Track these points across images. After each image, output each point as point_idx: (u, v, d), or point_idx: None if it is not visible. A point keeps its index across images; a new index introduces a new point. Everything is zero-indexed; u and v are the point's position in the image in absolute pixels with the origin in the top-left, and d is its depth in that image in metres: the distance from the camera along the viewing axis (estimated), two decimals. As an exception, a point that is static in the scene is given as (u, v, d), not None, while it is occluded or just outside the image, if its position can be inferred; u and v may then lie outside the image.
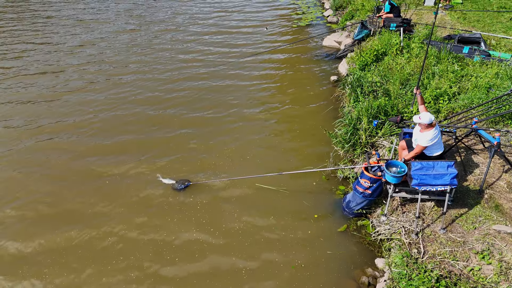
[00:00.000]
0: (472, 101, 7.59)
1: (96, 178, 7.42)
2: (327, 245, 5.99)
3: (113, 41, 14.24)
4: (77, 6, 19.12)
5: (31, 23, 16.38)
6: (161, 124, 9.11)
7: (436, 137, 5.59)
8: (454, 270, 4.98)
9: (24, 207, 6.78)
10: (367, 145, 7.58)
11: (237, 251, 5.94)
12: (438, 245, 5.33)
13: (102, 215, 6.59)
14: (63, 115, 9.54)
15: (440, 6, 13.95)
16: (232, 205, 6.77)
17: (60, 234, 6.25)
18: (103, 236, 6.20)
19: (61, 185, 7.25)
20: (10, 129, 9.03)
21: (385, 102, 7.80)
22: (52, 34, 15.06)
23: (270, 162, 7.74)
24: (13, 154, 8.15)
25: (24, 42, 14.27)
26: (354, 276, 5.52)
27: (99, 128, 8.99)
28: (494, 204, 5.72)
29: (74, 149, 8.26)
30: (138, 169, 7.63)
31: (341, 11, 16.82)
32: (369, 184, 5.97)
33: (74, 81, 11.22)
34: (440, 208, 5.81)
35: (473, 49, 9.57)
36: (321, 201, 6.81)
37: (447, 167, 5.23)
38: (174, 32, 15.23)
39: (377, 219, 6.14)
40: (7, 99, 10.34)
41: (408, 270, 5.03)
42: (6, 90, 10.81)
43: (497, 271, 4.80)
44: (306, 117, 9.41)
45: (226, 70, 11.94)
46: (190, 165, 7.71)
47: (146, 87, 10.87)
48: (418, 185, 5.32)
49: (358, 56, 10.51)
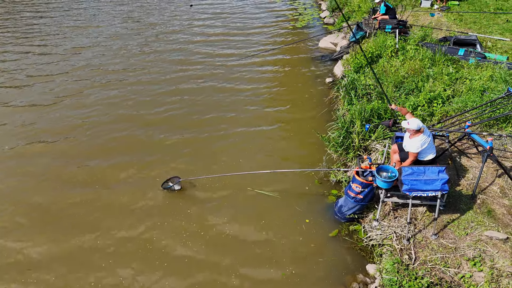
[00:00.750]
0: (466, 104, 7.53)
1: (88, 183, 7.36)
2: (318, 251, 5.92)
3: (107, 46, 14.19)
4: (68, 12, 19.07)
5: (25, 25, 16.34)
6: (156, 128, 9.03)
7: (426, 143, 5.55)
8: (445, 277, 4.91)
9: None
10: (360, 148, 7.52)
11: (226, 257, 5.86)
12: (430, 251, 5.26)
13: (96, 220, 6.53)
14: (57, 120, 9.49)
15: (436, 7, 13.90)
16: (222, 209, 6.69)
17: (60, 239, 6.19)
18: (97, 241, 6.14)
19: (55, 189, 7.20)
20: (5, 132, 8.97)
21: (378, 105, 7.73)
22: (45, 38, 15.02)
23: (262, 167, 7.65)
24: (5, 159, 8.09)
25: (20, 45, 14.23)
26: (345, 282, 5.44)
27: (91, 134, 8.89)
28: (486, 210, 5.65)
29: (71, 154, 8.21)
30: (134, 173, 7.57)
31: (338, 12, 16.76)
32: (361, 189, 5.91)
33: (70, 85, 11.17)
34: (432, 213, 5.74)
35: (468, 51, 9.51)
36: (313, 205, 6.74)
37: (438, 173, 5.17)
38: (171, 36, 15.17)
39: (369, 224, 6.07)
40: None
41: (398, 276, 4.97)
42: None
43: (488, 278, 4.73)
44: (300, 119, 9.34)
45: (220, 73, 11.86)
46: (185, 168, 7.65)
47: (140, 91, 10.82)
48: (409, 190, 5.25)
49: (353, 58, 10.45)
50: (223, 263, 5.76)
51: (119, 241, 6.14)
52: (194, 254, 5.91)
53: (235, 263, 5.77)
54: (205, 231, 6.29)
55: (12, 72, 11.92)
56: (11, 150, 8.34)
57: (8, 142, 8.59)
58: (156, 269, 5.67)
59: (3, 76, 11.69)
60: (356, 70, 9.91)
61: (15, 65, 12.46)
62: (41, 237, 6.22)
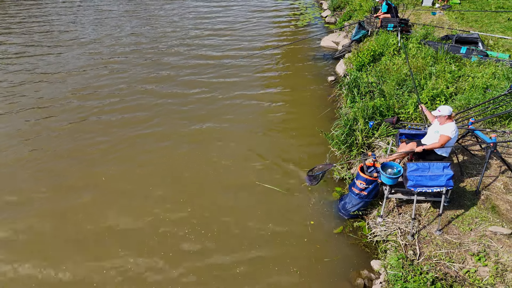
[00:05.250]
0: (469, 102, 7.56)
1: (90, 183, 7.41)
2: (323, 247, 5.94)
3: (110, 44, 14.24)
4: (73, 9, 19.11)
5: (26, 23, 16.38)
6: (155, 125, 9.08)
7: (457, 131, 5.62)
8: (449, 272, 4.94)
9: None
10: (364, 146, 7.54)
11: (230, 255, 5.89)
12: (434, 246, 5.29)
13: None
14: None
15: (438, 6, 13.93)
16: (228, 205, 6.74)
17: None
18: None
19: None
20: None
21: (381, 102, 7.76)
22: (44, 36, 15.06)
23: (263, 165, 7.67)
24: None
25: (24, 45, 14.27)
26: (349, 278, 5.47)
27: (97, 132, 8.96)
28: (490, 205, 5.68)
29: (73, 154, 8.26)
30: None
31: (339, 11, 16.80)
32: (365, 185, 5.93)
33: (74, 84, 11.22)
34: (436, 209, 5.77)
35: (470, 49, 9.54)
36: (317, 202, 6.76)
37: (443, 168, 5.19)
38: (172, 33, 15.20)
39: (373, 221, 6.10)
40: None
41: (403, 272, 5.00)
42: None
43: (493, 273, 4.76)
44: (303, 118, 9.36)
45: (219, 71, 11.87)
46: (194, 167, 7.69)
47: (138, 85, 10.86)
48: (414, 186, 5.28)
49: (356, 56, 10.47)
50: (224, 262, 5.78)
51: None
52: (195, 251, 5.94)
53: (238, 259, 5.79)
54: (208, 229, 6.32)
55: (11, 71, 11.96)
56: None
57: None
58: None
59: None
60: (359, 68, 9.94)
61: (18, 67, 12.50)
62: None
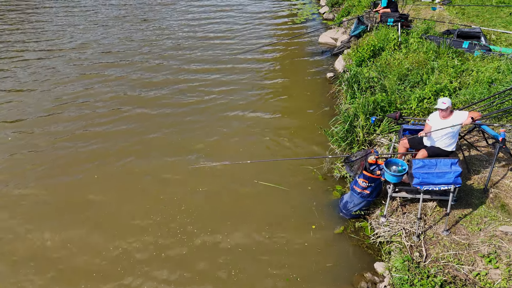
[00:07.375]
0: (474, 96, 7.29)
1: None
2: (324, 250, 5.65)
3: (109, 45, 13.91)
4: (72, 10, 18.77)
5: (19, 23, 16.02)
6: (158, 126, 8.75)
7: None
8: (459, 275, 4.65)
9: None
10: (365, 143, 7.26)
11: (228, 258, 5.60)
12: (442, 248, 5.01)
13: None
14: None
15: (438, 1, 13.67)
16: (225, 207, 6.44)
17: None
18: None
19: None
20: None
21: (382, 97, 7.48)
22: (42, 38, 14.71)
23: (262, 163, 7.37)
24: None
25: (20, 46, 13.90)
26: (352, 282, 5.18)
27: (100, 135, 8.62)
28: (499, 204, 5.40)
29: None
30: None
31: (337, 7, 16.53)
32: (368, 183, 5.65)
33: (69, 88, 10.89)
34: (442, 208, 5.49)
35: (473, 44, 9.27)
36: (317, 202, 6.47)
37: (450, 165, 4.92)
38: (168, 33, 14.89)
39: (376, 221, 5.82)
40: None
41: (409, 275, 4.72)
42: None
43: (505, 275, 4.48)
44: (301, 115, 9.07)
45: (218, 68, 11.58)
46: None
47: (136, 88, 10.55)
48: (420, 184, 4.99)
49: (355, 52, 10.19)
50: (221, 266, 5.49)
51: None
52: (192, 251, 5.64)
53: (238, 263, 5.51)
54: (205, 230, 6.03)
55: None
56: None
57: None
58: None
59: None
60: (359, 64, 9.66)
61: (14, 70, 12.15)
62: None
